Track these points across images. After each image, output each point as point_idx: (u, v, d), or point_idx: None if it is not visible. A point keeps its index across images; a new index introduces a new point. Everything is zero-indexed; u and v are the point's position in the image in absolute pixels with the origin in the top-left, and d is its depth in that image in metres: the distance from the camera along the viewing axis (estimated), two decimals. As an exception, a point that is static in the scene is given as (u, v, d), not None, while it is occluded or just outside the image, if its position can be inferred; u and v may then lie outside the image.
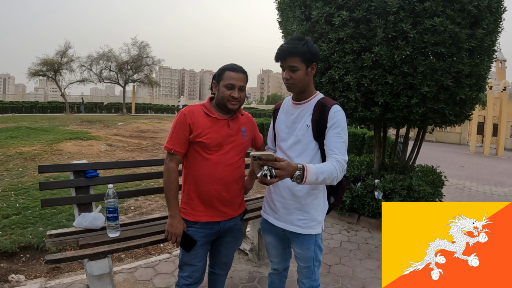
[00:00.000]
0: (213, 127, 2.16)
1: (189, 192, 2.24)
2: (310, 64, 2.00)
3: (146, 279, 3.45)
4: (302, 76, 1.99)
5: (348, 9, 4.35)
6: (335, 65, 4.56)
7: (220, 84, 2.17)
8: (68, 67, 34.76)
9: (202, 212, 2.22)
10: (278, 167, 1.64)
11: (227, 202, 2.25)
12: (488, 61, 4.84)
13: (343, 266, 3.99)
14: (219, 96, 2.17)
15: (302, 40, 1.97)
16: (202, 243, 2.26)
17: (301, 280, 2.25)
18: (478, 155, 23.02)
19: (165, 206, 5.94)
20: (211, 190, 2.17)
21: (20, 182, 7.01)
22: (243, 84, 2.17)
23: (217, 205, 2.22)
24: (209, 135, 2.13)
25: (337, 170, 1.84)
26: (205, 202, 2.20)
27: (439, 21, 4.05)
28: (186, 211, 2.25)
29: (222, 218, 2.26)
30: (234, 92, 2.13)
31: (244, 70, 2.20)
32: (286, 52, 1.96)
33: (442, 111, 4.56)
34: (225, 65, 2.21)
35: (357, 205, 5.40)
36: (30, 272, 3.70)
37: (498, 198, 9.12)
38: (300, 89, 2.05)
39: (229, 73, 2.14)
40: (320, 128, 2.00)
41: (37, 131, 15.23)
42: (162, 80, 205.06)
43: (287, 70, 1.99)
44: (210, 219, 2.23)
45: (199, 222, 2.22)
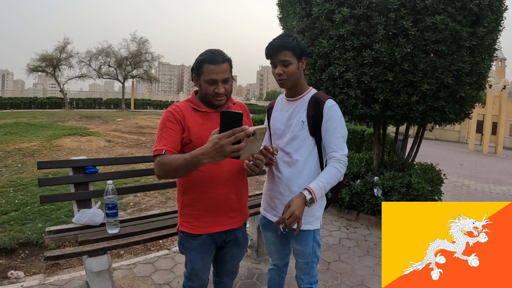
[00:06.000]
0: (205, 124, 1.91)
1: (191, 202, 1.97)
2: (300, 59, 2.02)
3: (145, 275, 3.44)
4: (294, 70, 2.00)
5: (349, 6, 4.34)
6: (336, 61, 4.55)
7: (200, 78, 1.88)
8: (67, 62, 34.72)
9: (210, 222, 1.97)
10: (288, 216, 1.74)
11: (236, 205, 2.04)
12: (489, 59, 4.83)
13: (342, 263, 4.00)
14: (202, 92, 1.91)
15: (290, 36, 2.00)
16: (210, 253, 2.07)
17: (300, 276, 2.26)
18: (477, 153, 23.05)
19: (164, 202, 5.98)
20: (219, 194, 1.94)
21: (19, 178, 7.00)
22: (227, 76, 1.88)
23: (226, 211, 1.99)
24: (200, 132, 1.87)
25: (339, 170, 1.88)
26: (213, 210, 1.96)
27: (440, 19, 4.04)
28: (191, 224, 1.98)
29: (232, 225, 2.05)
30: (218, 87, 1.86)
31: (226, 57, 1.89)
32: (277, 47, 1.97)
33: (442, 109, 4.56)
34: (203, 55, 1.88)
35: (356, 202, 5.40)
36: (29, 268, 3.70)
37: (497, 196, 9.14)
38: (293, 84, 2.05)
39: (208, 67, 1.84)
40: (316, 123, 2.02)
41: (36, 127, 15.21)
42: (161, 76, 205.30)
43: (279, 65, 1.99)
44: (220, 229, 2.00)
45: (205, 235, 1.99)
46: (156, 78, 43.07)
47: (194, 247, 2.00)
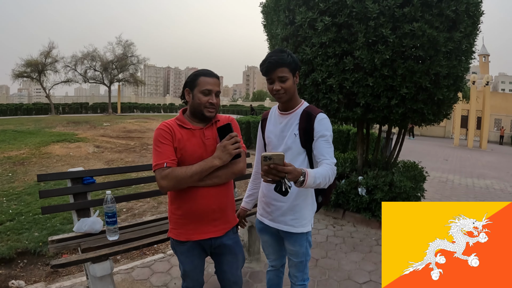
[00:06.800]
0: (190, 140, 2.07)
1: (176, 211, 2.13)
2: (295, 73, 2.16)
3: (143, 278, 3.60)
4: (291, 85, 2.12)
5: (331, 15, 4.49)
6: (318, 68, 4.73)
7: (194, 90, 2.07)
8: (53, 67, 34.52)
9: (193, 230, 2.12)
10: (287, 171, 1.68)
11: (218, 215, 2.15)
12: (466, 62, 5.00)
13: (329, 259, 4.20)
14: (195, 103, 2.07)
15: (284, 52, 2.11)
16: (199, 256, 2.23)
17: (294, 274, 2.42)
18: (462, 148, 23.53)
19: (156, 207, 6.12)
20: (200, 205, 2.07)
21: (11, 187, 7.07)
22: (219, 90, 2.10)
23: (208, 220, 2.12)
24: (187, 148, 2.04)
25: (330, 174, 1.95)
26: (195, 219, 2.10)
27: (417, 26, 4.20)
28: (177, 231, 2.15)
29: (214, 234, 2.16)
30: (212, 97, 2.05)
31: (217, 75, 2.13)
32: (274, 64, 2.07)
33: (421, 111, 4.77)
34: (197, 71, 2.12)
35: (342, 201, 5.62)
36: (30, 277, 3.81)
37: (480, 190, 9.44)
38: (289, 98, 2.18)
39: (204, 79, 2.06)
40: (307, 136, 2.15)
41: (24, 134, 15.20)
42: (147, 78, 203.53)
43: (277, 81, 2.10)
44: (203, 236, 2.14)
45: (190, 241, 2.14)
46: (142, 81, 42.98)
47: (183, 251, 2.18)
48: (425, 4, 4.26)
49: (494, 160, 17.38)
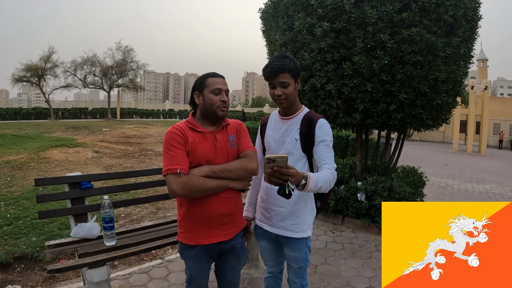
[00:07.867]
0: (202, 143, 2.05)
1: (186, 215, 2.10)
2: (296, 79, 2.17)
3: (141, 284, 3.57)
4: (292, 91, 2.15)
5: (329, 20, 4.51)
6: (317, 73, 4.74)
7: (204, 92, 2.09)
8: (52, 72, 34.37)
9: (203, 234, 2.10)
10: (290, 174, 1.67)
11: (227, 219, 2.13)
12: (464, 66, 5.02)
13: (328, 265, 4.18)
14: (207, 104, 2.08)
15: (286, 57, 2.13)
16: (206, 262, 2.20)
17: (293, 279, 2.41)
18: (461, 153, 23.52)
19: (155, 213, 6.10)
20: (209, 209, 2.05)
21: (9, 192, 7.05)
22: (227, 88, 2.15)
23: (217, 224, 2.10)
24: (199, 151, 2.03)
25: (330, 178, 1.96)
26: (204, 224, 2.08)
27: (416, 31, 4.22)
28: (187, 236, 2.12)
29: (224, 237, 2.15)
30: (223, 95, 2.09)
31: (223, 76, 2.18)
32: (277, 69, 2.09)
33: (420, 116, 4.77)
34: (203, 74, 2.17)
35: (341, 207, 5.60)
36: (26, 282, 3.80)
37: (479, 195, 9.43)
38: (290, 103, 2.20)
39: (212, 79, 2.10)
40: (308, 141, 2.17)
41: (23, 139, 15.17)
42: (147, 84, 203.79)
43: (278, 86, 2.12)
44: (213, 240, 2.11)
45: (199, 246, 2.12)
46: (141, 86, 42.98)
47: (191, 256, 2.15)
48: (423, 9, 4.28)
49: (494, 164, 17.37)
